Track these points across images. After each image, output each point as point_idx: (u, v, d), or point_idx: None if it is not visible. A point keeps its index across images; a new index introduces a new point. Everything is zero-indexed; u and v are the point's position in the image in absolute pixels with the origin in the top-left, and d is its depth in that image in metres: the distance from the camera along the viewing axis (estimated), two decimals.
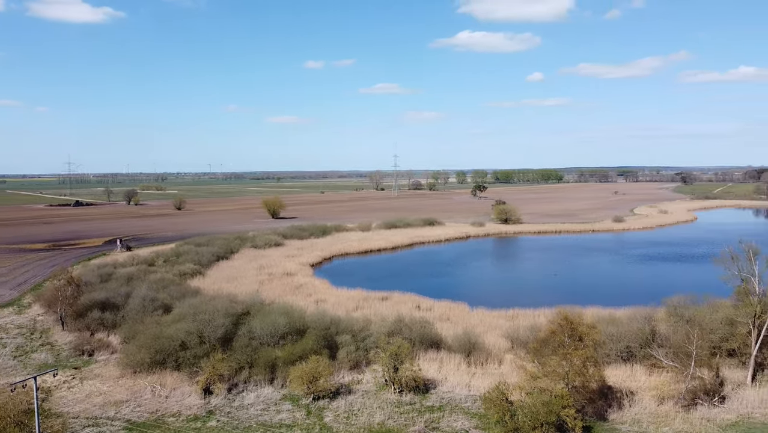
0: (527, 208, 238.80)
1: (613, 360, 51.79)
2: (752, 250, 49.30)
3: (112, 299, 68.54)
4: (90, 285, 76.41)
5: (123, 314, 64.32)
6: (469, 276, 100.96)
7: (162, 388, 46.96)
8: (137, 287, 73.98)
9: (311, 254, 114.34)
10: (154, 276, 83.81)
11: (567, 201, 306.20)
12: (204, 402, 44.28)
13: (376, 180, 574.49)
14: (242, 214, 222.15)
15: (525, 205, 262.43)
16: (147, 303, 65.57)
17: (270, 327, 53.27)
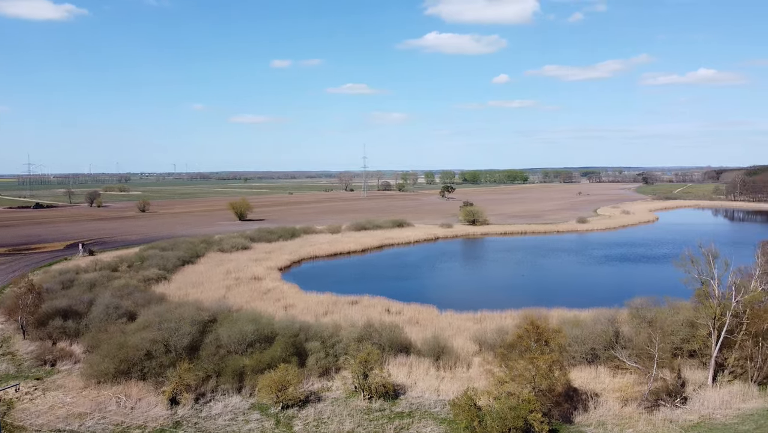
0: (494, 210, 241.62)
1: (579, 362, 52.80)
2: (711, 253, 50.83)
3: (74, 306, 66.74)
4: (51, 292, 74.34)
5: (86, 322, 62.73)
6: (438, 278, 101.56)
7: (127, 399, 45.99)
8: (100, 294, 72.40)
9: (279, 258, 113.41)
10: (118, 282, 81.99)
11: (532, 202, 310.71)
12: (170, 413, 43.55)
13: (345, 181, 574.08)
14: (208, 217, 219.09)
15: (492, 206, 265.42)
16: (111, 311, 64.13)
17: (237, 335, 52.69)
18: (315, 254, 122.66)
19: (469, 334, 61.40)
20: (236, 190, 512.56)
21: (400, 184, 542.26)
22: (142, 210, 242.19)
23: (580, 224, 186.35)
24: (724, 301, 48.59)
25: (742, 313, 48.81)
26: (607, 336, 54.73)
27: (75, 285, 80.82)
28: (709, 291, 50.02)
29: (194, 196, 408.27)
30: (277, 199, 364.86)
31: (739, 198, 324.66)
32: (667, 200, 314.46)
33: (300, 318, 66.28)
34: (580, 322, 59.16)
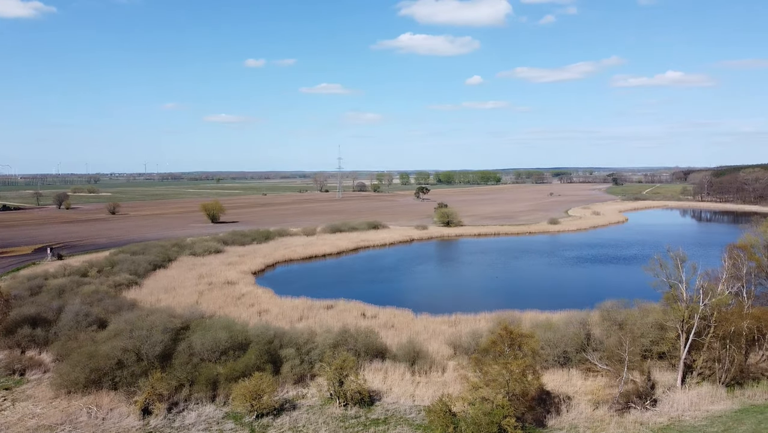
0: (468, 211, 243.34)
1: (551, 365, 53.55)
2: (679, 257, 51.95)
3: (43, 313, 65.22)
4: (19, 299, 72.50)
5: (55, 330, 61.33)
6: (413, 281, 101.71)
7: (98, 410, 45.11)
8: (70, 301, 70.88)
9: (253, 261, 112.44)
10: (88, 288, 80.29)
11: (505, 203, 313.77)
12: (143, 423, 42.86)
13: (320, 182, 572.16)
14: (180, 219, 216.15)
15: (466, 207, 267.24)
16: (80, 318, 62.80)
17: (211, 342, 52.08)
18: (289, 257, 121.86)
19: (443, 337, 61.77)
20: (209, 191, 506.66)
21: (375, 185, 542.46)
22: (112, 212, 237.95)
23: (552, 225, 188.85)
24: (692, 304, 49.69)
25: (709, 316, 50.03)
26: (578, 339, 55.63)
27: (43, 291, 79.11)
28: (677, 294, 51.13)
29: (165, 197, 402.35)
30: (250, 200, 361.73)
31: (706, 198, 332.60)
32: (636, 201, 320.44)
33: (274, 324, 65.87)
34: (552, 325, 59.92)
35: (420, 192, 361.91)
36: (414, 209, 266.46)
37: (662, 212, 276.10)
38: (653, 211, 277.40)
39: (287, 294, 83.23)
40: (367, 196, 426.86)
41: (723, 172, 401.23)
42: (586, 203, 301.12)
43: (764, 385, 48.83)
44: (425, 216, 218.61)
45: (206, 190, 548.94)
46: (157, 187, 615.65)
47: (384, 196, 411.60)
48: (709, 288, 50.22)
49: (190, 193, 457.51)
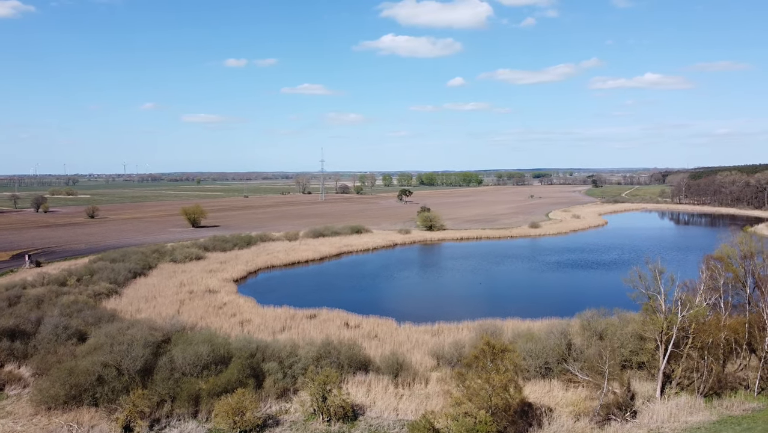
0: (450, 213, 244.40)
1: (533, 376, 54.02)
2: (658, 269, 52.67)
3: (21, 325, 64.07)
4: None
5: (34, 343, 60.43)
6: (396, 288, 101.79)
7: (79, 427, 44.49)
8: (49, 312, 69.83)
9: (235, 268, 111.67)
10: (67, 298, 79.03)
11: (486, 205, 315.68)
12: None
13: (302, 183, 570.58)
14: (160, 223, 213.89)
15: (448, 209, 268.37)
16: (60, 331, 61.78)
17: (192, 357, 51.61)
18: (271, 263, 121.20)
19: (426, 348, 62.00)
20: (189, 193, 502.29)
21: (357, 187, 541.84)
22: (90, 216, 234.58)
23: (533, 229, 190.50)
24: (671, 315, 50.47)
25: (688, 327, 50.88)
26: (559, 349, 56.21)
27: (22, 302, 77.71)
28: (656, 306, 51.91)
29: (145, 199, 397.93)
30: (231, 202, 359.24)
31: (684, 201, 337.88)
32: (615, 203, 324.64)
33: (256, 335, 65.72)
34: (533, 335, 60.41)
35: (403, 194, 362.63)
36: (397, 212, 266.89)
37: (641, 215, 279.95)
38: (632, 214, 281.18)
39: (269, 303, 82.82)
40: (349, 198, 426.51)
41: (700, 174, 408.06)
42: (566, 206, 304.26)
43: (741, 395, 49.81)
44: (408, 219, 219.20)
45: (186, 192, 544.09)
46: (137, 189, 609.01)
47: (367, 199, 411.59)
48: (687, 300, 51.03)
49: (170, 196, 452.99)
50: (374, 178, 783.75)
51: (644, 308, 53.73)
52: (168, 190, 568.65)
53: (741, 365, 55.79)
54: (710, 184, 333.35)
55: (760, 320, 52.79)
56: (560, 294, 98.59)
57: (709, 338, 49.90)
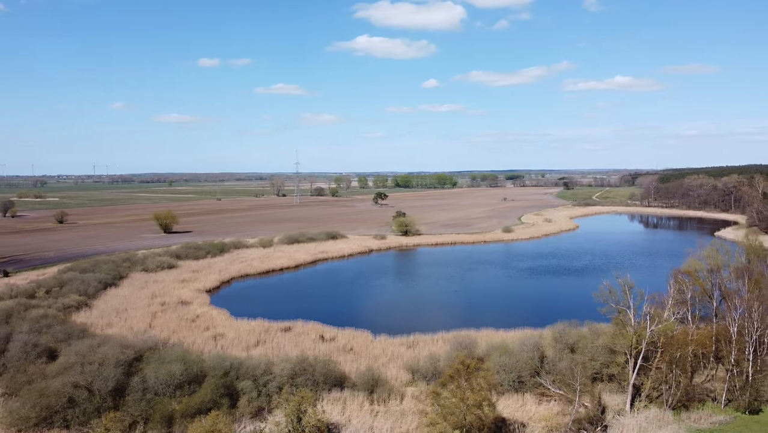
0: (425, 217, 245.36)
1: (506, 389, 54.68)
2: (627, 284, 53.76)
3: None
4: None
5: (3, 361, 59.22)
6: (371, 298, 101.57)
7: None
8: (17, 327, 68.24)
9: (208, 278, 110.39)
10: (36, 312, 77.14)
11: (461, 208, 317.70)
12: None
13: (277, 185, 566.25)
14: (131, 229, 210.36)
15: (423, 213, 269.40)
16: (29, 348, 60.53)
17: (165, 376, 51.01)
18: (246, 272, 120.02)
19: (402, 361, 62.25)
20: (161, 196, 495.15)
21: (333, 189, 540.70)
22: (59, 221, 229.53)
23: (506, 234, 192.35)
24: (640, 330, 51.59)
25: (656, 341, 52.06)
26: (532, 363, 57.02)
27: None
28: (625, 320, 52.98)
29: (116, 202, 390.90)
30: (204, 206, 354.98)
31: (653, 204, 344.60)
32: (586, 206, 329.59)
33: (230, 350, 65.25)
34: (507, 347, 60.99)
35: (378, 197, 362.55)
36: (373, 216, 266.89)
37: (611, 218, 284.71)
38: (603, 217, 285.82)
39: (243, 315, 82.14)
40: (325, 201, 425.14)
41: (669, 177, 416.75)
42: (539, 209, 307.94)
43: (709, 407, 51.13)
44: (384, 223, 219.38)
45: (158, 194, 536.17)
46: (107, 191, 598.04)
47: (342, 201, 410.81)
48: (655, 314, 52.22)
49: (142, 198, 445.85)
50: (350, 180, 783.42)
51: (614, 322, 54.84)
52: (139, 193, 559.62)
53: (708, 376, 57.27)
54: (678, 188, 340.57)
55: (726, 332, 54.26)
56: (533, 302, 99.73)
57: (677, 352, 51.11)
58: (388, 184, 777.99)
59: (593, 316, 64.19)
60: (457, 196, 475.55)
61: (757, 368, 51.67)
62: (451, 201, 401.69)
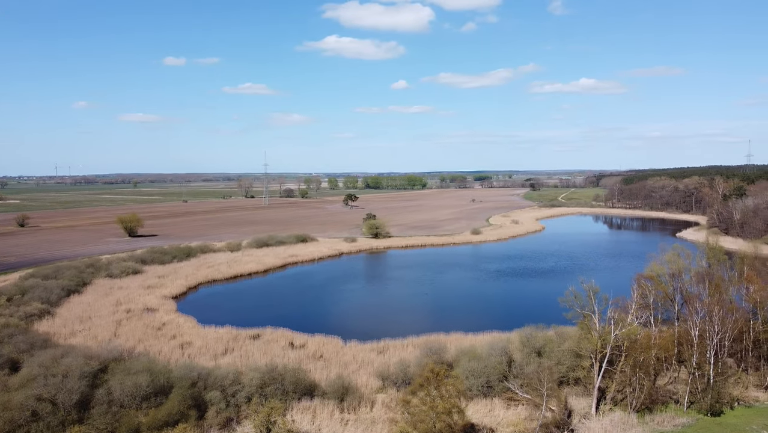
0: (395, 219, 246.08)
1: (475, 394, 55.27)
2: (592, 289, 54.85)
3: None
4: None
5: None
6: (341, 303, 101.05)
7: None
8: None
9: (174, 283, 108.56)
10: None
11: (430, 210, 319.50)
12: None
13: (245, 186, 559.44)
14: (95, 232, 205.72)
15: (393, 215, 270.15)
16: None
17: (131, 388, 50.12)
18: (213, 277, 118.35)
19: (372, 368, 62.34)
20: (125, 198, 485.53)
21: (303, 191, 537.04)
22: (20, 225, 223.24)
23: (474, 235, 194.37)
24: (604, 334, 52.72)
25: (621, 345, 53.26)
26: (501, 367, 57.73)
27: None
28: (590, 325, 54.07)
29: (79, 205, 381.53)
30: (170, 208, 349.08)
31: (617, 205, 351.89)
32: (552, 207, 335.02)
33: (198, 359, 64.43)
34: (476, 352, 61.52)
35: (349, 199, 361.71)
36: (343, 218, 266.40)
37: (576, 219, 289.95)
38: (568, 218, 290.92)
39: (211, 322, 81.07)
40: (294, 202, 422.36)
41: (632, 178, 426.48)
42: (506, 210, 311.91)
43: (672, 409, 52.55)
44: (354, 226, 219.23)
45: (123, 196, 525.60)
46: (70, 193, 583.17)
47: (312, 203, 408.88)
48: (619, 319, 53.39)
49: (106, 201, 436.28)
50: (320, 181, 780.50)
51: (580, 326, 55.90)
52: (103, 195, 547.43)
53: (671, 378, 58.85)
54: (642, 189, 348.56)
55: (688, 335, 55.84)
56: (501, 305, 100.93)
57: (640, 356, 52.39)
58: (358, 185, 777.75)
59: (559, 319, 64.67)
60: (427, 198, 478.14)
61: (718, 371, 53.29)
62: (420, 202, 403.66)
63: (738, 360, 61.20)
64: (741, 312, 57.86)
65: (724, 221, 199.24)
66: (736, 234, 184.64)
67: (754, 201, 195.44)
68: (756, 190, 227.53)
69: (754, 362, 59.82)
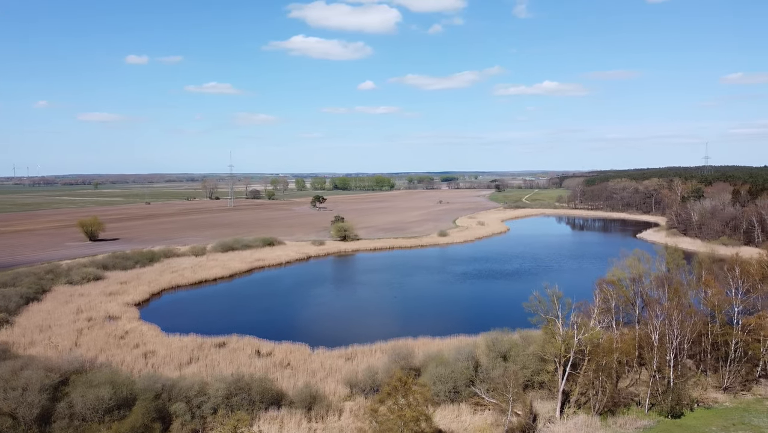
0: (363, 221, 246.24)
1: (442, 400, 55.74)
2: (555, 294, 55.92)
3: None
4: None
5: None
6: (309, 308, 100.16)
7: None
8: None
9: (137, 290, 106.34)
10: None
11: (398, 212, 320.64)
12: None
13: (209, 187, 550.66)
14: (54, 236, 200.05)
15: (362, 216, 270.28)
16: None
17: (93, 401, 48.95)
18: (177, 283, 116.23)
19: (340, 375, 62.31)
20: (86, 199, 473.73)
21: (269, 192, 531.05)
22: None
23: (442, 237, 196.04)
24: (568, 339, 53.81)
25: (584, 348, 54.45)
26: (467, 372, 58.40)
27: None
28: (554, 330, 55.13)
29: (38, 207, 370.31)
30: (132, 210, 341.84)
31: (579, 206, 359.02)
32: (517, 209, 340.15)
33: (162, 369, 63.45)
34: (443, 358, 62.03)
35: (317, 201, 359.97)
36: (311, 220, 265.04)
37: (540, 220, 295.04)
38: (532, 219, 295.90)
39: (175, 330, 79.78)
40: (261, 204, 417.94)
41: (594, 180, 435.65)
42: (472, 212, 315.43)
43: (634, 412, 53.96)
44: (322, 228, 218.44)
45: (83, 198, 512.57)
46: (29, 195, 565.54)
47: (279, 205, 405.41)
48: (582, 324, 54.57)
49: (66, 203, 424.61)
50: (287, 182, 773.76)
51: (544, 331, 56.97)
52: (63, 196, 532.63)
53: (633, 380, 60.42)
54: (603, 190, 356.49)
55: (649, 338, 57.39)
56: (467, 307, 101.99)
57: (603, 360, 53.66)
58: (326, 186, 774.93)
59: (524, 321, 64.77)
60: (395, 199, 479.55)
61: (678, 373, 54.91)
62: (388, 204, 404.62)
63: (697, 362, 63.20)
64: (699, 315, 59.77)
65: (683, 222, 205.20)
66: (695, 235, 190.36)
67: (712, 203, 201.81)
68: (713, 191, 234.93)
69: (713, 363, 61.79)
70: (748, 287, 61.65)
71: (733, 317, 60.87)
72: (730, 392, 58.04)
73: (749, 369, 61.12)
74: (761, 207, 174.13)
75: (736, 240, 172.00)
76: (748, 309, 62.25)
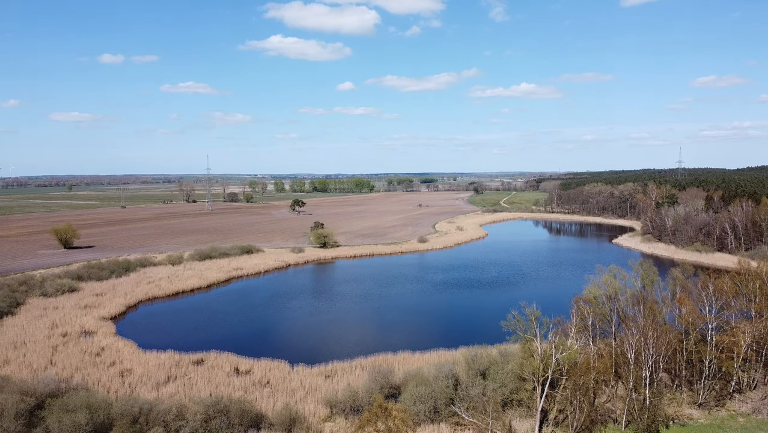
0: (343, 226, 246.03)
1: (423, 420, 55.85)
2: (533, 314, 56.51)
3: None
4: None
5: None
6: (288, 322, 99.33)
7: None
8: None
9: (112, 302, 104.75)
10: None
11: (378, 216, 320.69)
12: None
13: (186, 190, 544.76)
14: (27, 243, 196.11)
15: (341, 221, 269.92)
16: None
17: (70, 426, 48.28)
18: (153, 294, 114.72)
19: (320, 395, 62.07)
20: (60, 203, 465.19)
21: (248, 195, 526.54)
22: None
23: (421, 244, 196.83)
24: (546, 358, 54.39)
25: (562, 367, 55.08)
26: (448, 391, 58.66)
27: None
28: (532, 349, 55.68)
29: (9, 211, 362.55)
30: (108, 215, 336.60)
31: (556, 210, 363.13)
32: (495, 213, 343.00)
33: (139, 388, 62.78)
34: (423, 376, 62.05)
35: (296, 205, 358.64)
36: (290, 225, 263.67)
37: (518, 224, 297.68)
38: (510, 223, 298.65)
39: (152, 346, 78.80)
40: (239, 208, 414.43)
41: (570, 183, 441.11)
42: (451, 215, 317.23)
43: (611, 429, 54.72)
44: (301, 234, 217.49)
45: (57, 201, 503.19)
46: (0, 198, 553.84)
47: (258, 208, 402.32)
48: (560, 343, 55.22)
49: (39, 207, 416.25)
50: (265, 184, 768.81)
51: (522, 348, 57.50)
52: (36, 199, 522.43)
53: (609, 396, 61.25)
54: (579, 194, 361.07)
55: (625, 355, 58.28)
56: (447, 319, 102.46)
57: (580, 379, 54.33)
58: (305, 188, 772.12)
59: (502, 334, 64.66)
60: (375, 202, 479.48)
61: (653, 391, 55.83)
62: (368, 207, 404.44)
63: (672, 378, 64.30)
64: (674, 333, 60.85)
65: (657, 228, 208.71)
66: (669, 241, 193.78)
67: (685, 209, 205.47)
68: (687, 197, 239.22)
69: (688, 379, 62.92)
70: (722, 303, 62.95)
71: (707, 334, 62.09)
72: (704, 408, 59.16)
73: (723, 385, 62.43)
74: (734, 213, 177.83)
75: (709, 246, 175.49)
76: (721, 326, 63.52)
